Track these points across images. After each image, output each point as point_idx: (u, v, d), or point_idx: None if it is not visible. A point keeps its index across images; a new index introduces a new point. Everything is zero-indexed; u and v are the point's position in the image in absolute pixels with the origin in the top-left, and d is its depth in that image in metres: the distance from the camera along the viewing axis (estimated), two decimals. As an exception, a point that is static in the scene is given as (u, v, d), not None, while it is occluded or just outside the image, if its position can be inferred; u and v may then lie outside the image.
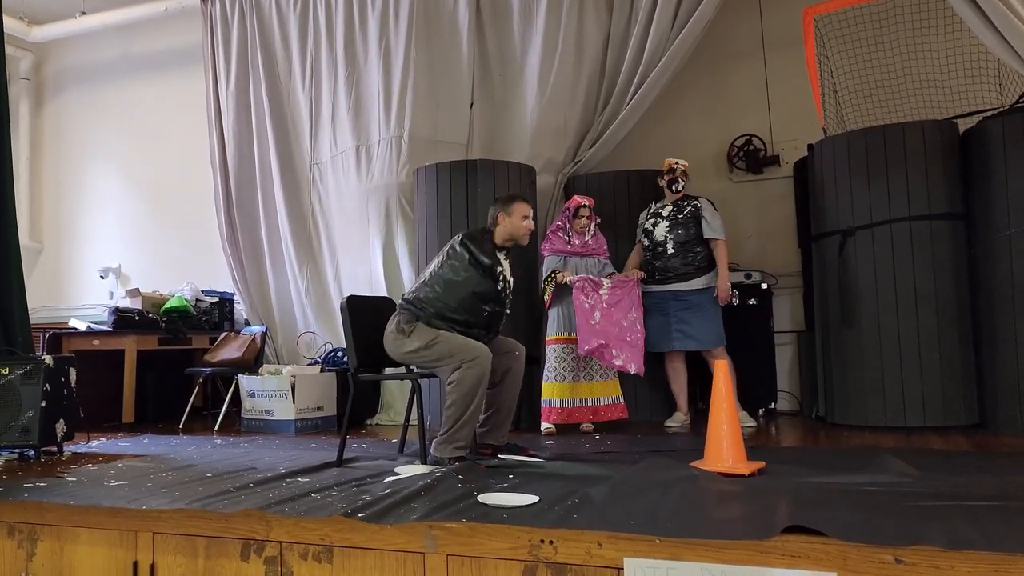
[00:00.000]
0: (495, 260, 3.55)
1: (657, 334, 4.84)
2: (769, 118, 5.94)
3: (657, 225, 4.92)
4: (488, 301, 3.55)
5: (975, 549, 1.91)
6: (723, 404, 3.18)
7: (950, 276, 4.51)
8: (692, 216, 4.84)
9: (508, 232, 3.67)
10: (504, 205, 3.69)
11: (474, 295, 3.53)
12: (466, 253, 3.55)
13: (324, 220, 6.31)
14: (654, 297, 4.88)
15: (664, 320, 4.84)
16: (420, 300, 3.57)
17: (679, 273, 4.83)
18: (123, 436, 5.21)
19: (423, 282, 3.63)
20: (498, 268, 3.56)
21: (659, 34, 5.39)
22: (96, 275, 7.83)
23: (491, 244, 3.62)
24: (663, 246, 4.87)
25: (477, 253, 3.53)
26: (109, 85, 7.99)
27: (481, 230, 3.71)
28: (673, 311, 4.81)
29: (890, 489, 2.66)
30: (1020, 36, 3.98)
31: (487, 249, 3.56)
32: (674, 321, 4.81)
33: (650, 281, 4.91)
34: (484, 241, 3.60)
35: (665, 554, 2.15)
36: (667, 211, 4.92)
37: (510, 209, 3.66)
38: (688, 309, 4.79)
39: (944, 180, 4.54)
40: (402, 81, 5.94)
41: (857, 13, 5.05)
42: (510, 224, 3.66)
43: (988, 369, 4.46)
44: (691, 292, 4.80)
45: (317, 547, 2.53)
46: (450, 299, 3.52)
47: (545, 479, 3.03)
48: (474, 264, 3.54)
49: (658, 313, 4.87)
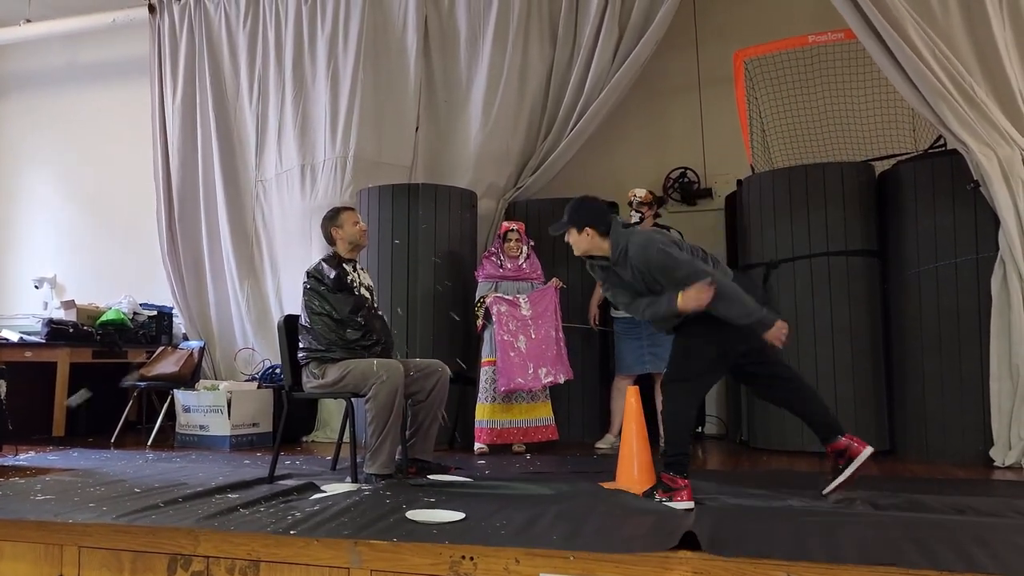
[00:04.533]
0: (341, 270, 3.74)
1: (631, 357, 4.97)
2: (703, 152, 6.19)
3: None
4: (358, 310, 3.71)
5: (856, 563, 2.09)
6: (633, 426, 3.35)
7: (865, 309, 4.77)
8: None
9: (348, 241, 3.85)
10: (331, 221, 3.89)
11: (344, 312, 3.68)
12: (311, 282, 3.73)
13: (267, 237, 6.33)
14: (626, 322, 4.99)
15: (637, 344, 4.95)
16: (312, 344, 3.69)
17: None
18: (52, 450, 5.14)
19: (304, 329, 3.74)
20: (347, 276, 3.75)
21: (600, 68, 5.60)
22: (30, 285, 7.67)
23: (336, 260, 3.81)
24: None
25: (321, 275, 3.71)
26: (53, 93, 7.87)
27: (320, 260, 3.85)
28: (646, 334, 4.91)
29: (791, 509, 2.84)
30: (932, 87, 4.28)
31: (325, 270, 3.73)
32: (647, 344, 4.93)
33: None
34: (325, 263, 3.78)
35: (578, 570, 2.27)
36: None
37: (339, 220, 3.86)
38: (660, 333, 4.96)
39: (861, 218, 4.81)
40: (349, 102, 6.03)
41: (785, 58, 5.32)
42: (346, 233, 3.84)
43: (898, 398, 4.71)
44: None
45: (244, 562, 2.58)
46: (330, 328, 3.66)
47: (473, 497, 3.13)
48: (325, 287, 3.69)
49: (631, 337, 4.98)
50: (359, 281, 3.86)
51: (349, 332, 3.66)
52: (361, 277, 3.90)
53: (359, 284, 3.84)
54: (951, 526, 2.51)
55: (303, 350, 3.72)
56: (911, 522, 2.58)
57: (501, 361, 4.75)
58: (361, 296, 3.78)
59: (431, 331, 5.19)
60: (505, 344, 4.77)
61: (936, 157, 4.66)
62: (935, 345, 4.46)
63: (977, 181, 4.22)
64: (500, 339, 4.77)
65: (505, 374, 4.73)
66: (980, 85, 4.32)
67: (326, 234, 3.91)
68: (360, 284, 3.85)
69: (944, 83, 4.27)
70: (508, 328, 4.80)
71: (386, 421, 3.49)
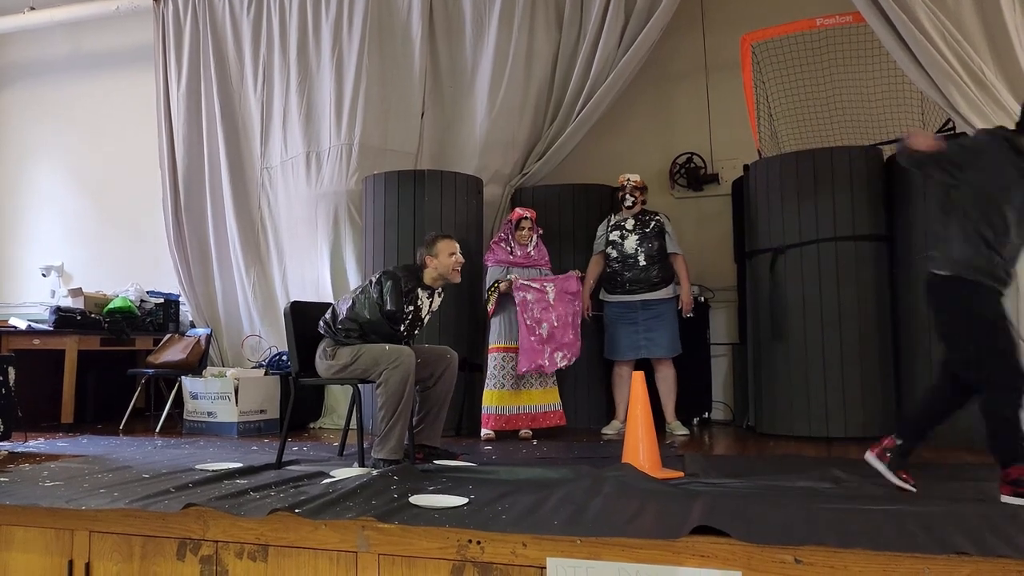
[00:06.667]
0: (399, 307, 3.65)
1: (626, 343, 4.99)
2: (710, 137, 6.15)
3: (626, 238, 5.05)
4: (396, 322, 3.71)
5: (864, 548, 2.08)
6: (639, 411, 3.34)
7: (872, 294, 4.75)
8: (657, 230, 5.02)
9: (438, 272, 3.78)
10: (428, 248, 3.78)
11: (380, 323, 3.68)
12: (376, 288, 3.70)
13: (273, 224, 6.34)
14: (621, 307, 5.03)
15: (633, 329, 4.98)
16: (336, 323, 3.71)
17: (651, 283, 4.99)
18: (61, 436, 5.17)
19: (343, 305, 3.75)
20: (402, 313, 3.68)
21: (606, 53, 5.57)
22: (38, 273, 7.70)
23: (414, 283, 3.72)
24: (634, 258, 5.01)
25: (386, 296, 3.65)
26: (57, 82, 7.88)
27: (408, 269, 3.80)
28: (642, 320, 4.96)
29: (800, 494, 2.84)
30: (941, 71, 4.25)
31: (396, 294, 3.64)
32: (642, 330, 4.96)
33: (618, 291, 5.05)
34: (404, 281, 3.68)
35: (585, 554, 2.28)
36: (631, 224, 5.07)
37: (435, 250, 3.76)
38: (656, 318, 4.97)
39: (868, 203, 4.78)
40: (354, 89, 6.01)
41: (792, 41, 5.28)
42: (439, 264, 3.76)
43: (906, 383, 4.69)
44: (659, 301, 4.98)
45: (252, 546, 2.60)
46: (359, 324, 3.67)
47: (477, 482, 3.13)
48: (379, 303, 3.67)
49: (626, 323, 5.01)
50: (427, 310, 3.82)
51: (375, 332, 3.68)
52: (431, 305, 3.85)
53: (426, 312, 3.82)
54: (961, 511, 2.50)
55: (325, 323, 3.74)
56: (920, 507, 2.57)
57: (523, 344, 4.78)
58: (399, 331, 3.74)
59: (437, 317, 5.16)
60: (528, 329, 4.79)
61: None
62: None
63: (986, 165, 4.18)
64: (524, 323, 4.79)
65: (527, 355, 4.76)
66: (989, 67, 4.28)
67: (420, 258, 3.81)
68: (427, 312, 3.83)
69: (953, 65, 4.24)
70: (532, 314, 4.83)
71: (397, 407, 3.49)
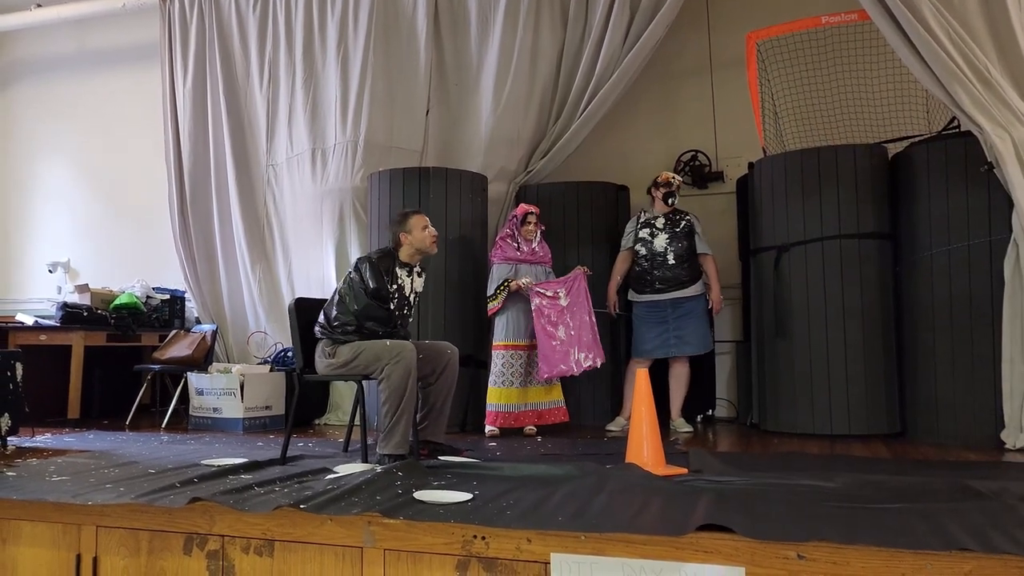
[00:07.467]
0: (382, 284, 3.67)
1: (656, 342, 5.00)
2: (715, 135, 6.16)
3: (656, 236, 5.06)
4: (385, 300, 3.71)
5: (867, 544, 2.09)
6: (643, 409, 3.35)
7: (876, 292, 4.75)
8: (687, 230, 5.04)
9: (414, 248, 3.80)
10: (400, 224, 3.81)
11: (370, 306, 3.69)
12: (355, 273, 3.72)
13: (278, 221, 6.36)
14: (651, 306, 5.03)
15: (663, 328, 4.99)
16: (331, 323, 3.72)
17: (680, 282, 4.99)
18: (68, 432, 5.20)
19: (330, 303, 3.77)
20: (386, 290, 3.69)
21: (611, 50, 5.57)
22: (44, 269, 7.74)
23: (390, 262, 3.75)
24: (663, 256, 5.01)
25: (366, 277, 3.68)
26: (63, 79, 7.90)
27: (381, 251, 3.82)
28: (671, 319, 4.97)
29: (803, 491, 2.85)
30: (946, 69, 4.24)
31: (376, 273, 3.67)
32: (672, 328, 4.97)
33: (647, 291, 5.05)
34: (380, 262, 3.72)
35: (589, 549, 2.29)
36: (661, 223, 5.07)
37: (407, 225, 3.79)
38: (685, 316, 4.97)
39: (873, 201, 4.78)
40: (359, 86, 6.02)
41: (798, 39, 5.28)
42: (414, 240, 3.78)
43: (909, 381, 4.70)
44: (688, 299, 4.99)
45: (259, 541, 2.61)
46: (353, 315, 3.68)
47: (481, 478, 3.15)
48: (363, 286, 3.68)
49: (656, 322, 5.01)
50: (409, 288, 3.82)
51: (369, 320, 3.69)
52: (413, 283, 3.85)
53: (410, 291, 3.83)
54: (963, 508, 2.51)
55: (322, 326, 3.75)
56: (923, 504, 2.58)
57: (542, 349, 4.79)
58: (390, 310, 3.74)
59: (442, 314, 5.20)
60: (547, 335, 4.80)
61: (949, 139, 4.61)
62: (947, 328, 4.44)
63: (991, 163, 4.18)
64: (541, 329, 4.80)
65: (548, 361, 4.77)
66: (995, 66, 4.26)
67: (393, 238, 3.83)
68: (411, 291, 3.84)
69: (959, 64, 4.23)
70: (549, 318, 4.83)
71: (400, 402, 3.51)
